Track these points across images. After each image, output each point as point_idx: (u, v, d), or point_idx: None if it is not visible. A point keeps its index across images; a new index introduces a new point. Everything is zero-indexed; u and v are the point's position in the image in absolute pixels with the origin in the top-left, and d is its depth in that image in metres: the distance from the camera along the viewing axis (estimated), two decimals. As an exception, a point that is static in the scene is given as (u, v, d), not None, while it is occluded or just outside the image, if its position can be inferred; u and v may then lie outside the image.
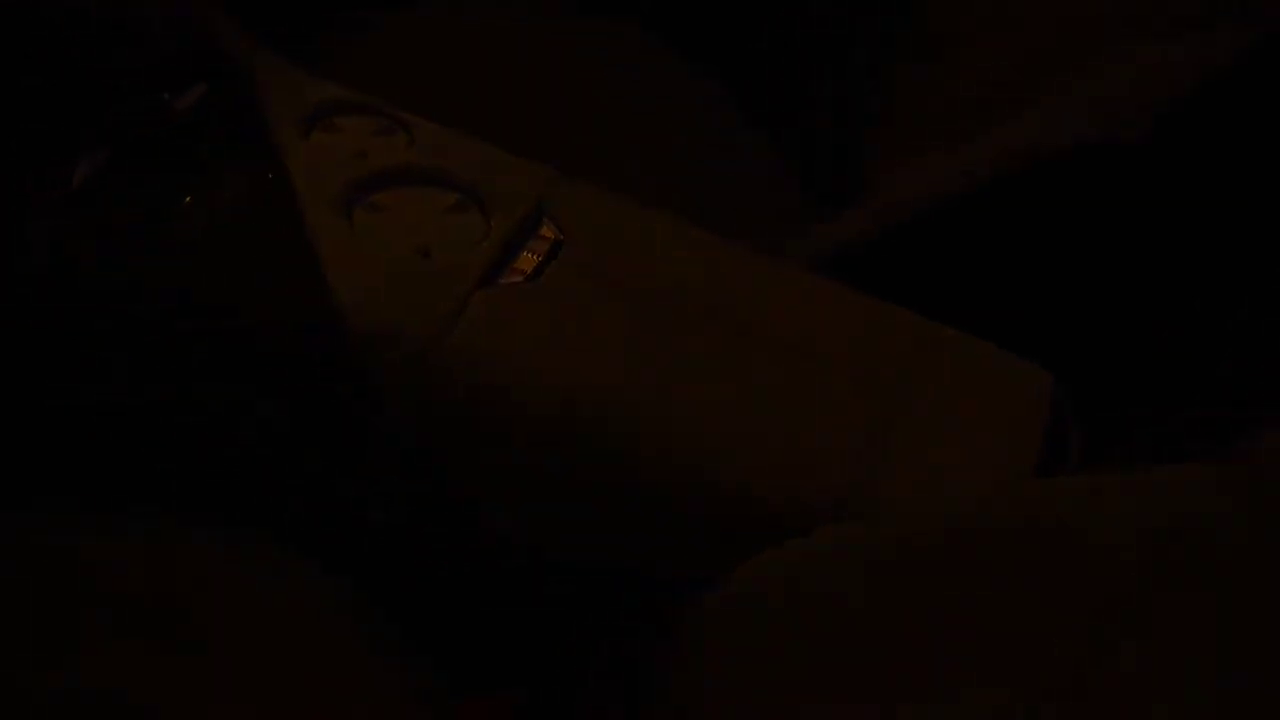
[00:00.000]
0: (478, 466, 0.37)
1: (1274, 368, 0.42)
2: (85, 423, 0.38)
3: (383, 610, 0.37)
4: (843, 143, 0.57)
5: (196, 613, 0.34)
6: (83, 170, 0.38)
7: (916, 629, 0.30)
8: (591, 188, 0.41)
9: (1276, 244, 0.44)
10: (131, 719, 0.32)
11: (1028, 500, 0.34)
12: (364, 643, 0.36)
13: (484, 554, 0.38)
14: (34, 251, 0.37)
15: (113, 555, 0.35)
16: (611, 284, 0.39)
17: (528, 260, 0.39)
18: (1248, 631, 0.27)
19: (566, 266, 0.39)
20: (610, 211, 0.41)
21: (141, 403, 0.37)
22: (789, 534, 0.34)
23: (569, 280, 0.39)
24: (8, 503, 0.36)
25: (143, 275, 0.37)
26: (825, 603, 0.32)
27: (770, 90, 0.60)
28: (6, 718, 0.31)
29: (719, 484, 0.36)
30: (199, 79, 0.41)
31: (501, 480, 0.37)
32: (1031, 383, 0.39)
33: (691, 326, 0.38)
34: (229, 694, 0.33)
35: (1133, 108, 0.44)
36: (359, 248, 0.38)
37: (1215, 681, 0.27)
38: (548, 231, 0.40)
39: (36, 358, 0.37)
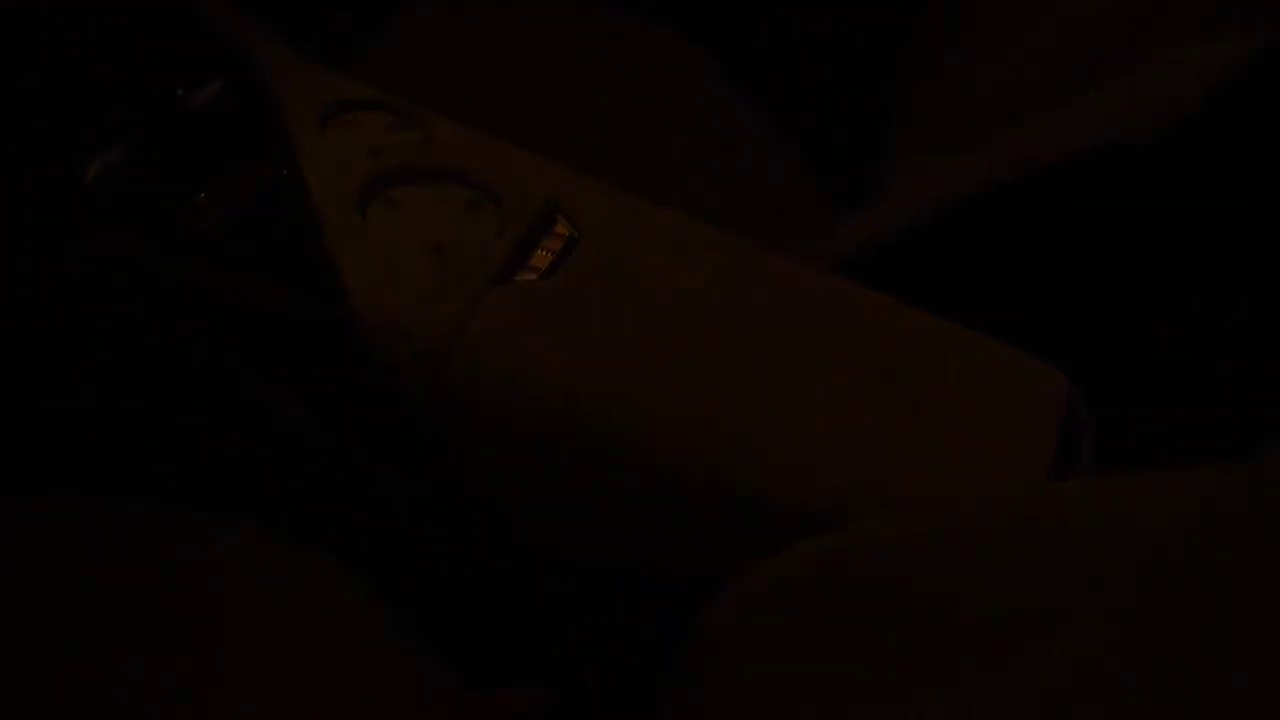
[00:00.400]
0: (487, 463, 0.37)
1: (1274, 368, 0.42)
2: (85, 422, 0.38)
3: (396, 609, 0.37)
4: (861, 143, 0.57)
5: (196, 612, 0.34)
6: (96, 168, 0.38)
7: (917, 629, 0.30)
8: (605, 185, 0.41)
9: (1276, 244, 0.44)
10: (131, 719, 0.32)
11: (1028, 500, 0.34)
12: (373, 641, 0.36)
13: (490, 552, 0.38)
14: (35, 251, 0.37)
15: (113, 555, 0.35)
16: (625, 282, 0.39)
17: (542, 257, 0.39)
18: (1248, 631, 0.27)
19: (581, 264, 0.39)
20: (624, 209, 0.41)
21: (142, 402, 0.37)
22: (791, 534, 0.34)
23: (582, 278, 0.39)
24: (8, 501, 0.36)
25: (153, 272, 0.37)
26: (826, 604, 0.32)
27: (786, 89, 0.60)
28: (6, 718, 0.31)
29: (721, 483, 0.36)
30: (214, 75, 0.41)
31: (509, 477, 0.37)
32: (1047, 384, 0.39)
33: (702, 325, 0.38)
34: (230, 693, 0.33)
35: (1147, 110, 0.44)
36: (373, 244, 0.38)
37: (1216, 681, 0.26)
38: (562, 228, 0.40)
39: (36, 358, 0.37)
